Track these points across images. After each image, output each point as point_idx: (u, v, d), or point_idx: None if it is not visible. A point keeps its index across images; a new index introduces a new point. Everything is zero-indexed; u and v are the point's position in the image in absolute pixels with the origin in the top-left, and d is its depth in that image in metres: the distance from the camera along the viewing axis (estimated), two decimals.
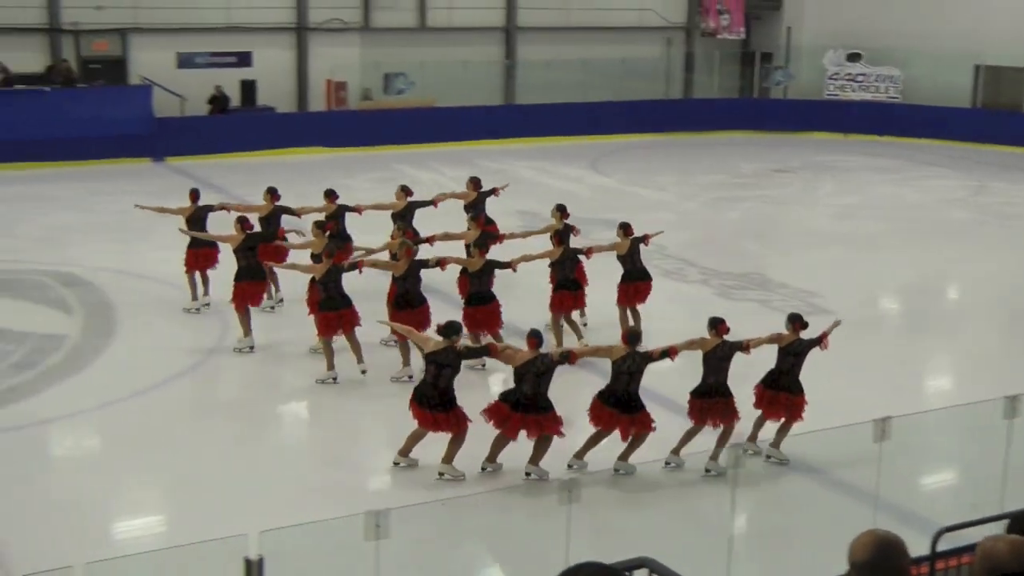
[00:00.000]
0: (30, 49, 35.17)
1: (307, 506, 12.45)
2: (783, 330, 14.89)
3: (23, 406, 16.46)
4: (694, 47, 44.10)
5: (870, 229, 28.30)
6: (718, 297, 21.95)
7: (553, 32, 41.40)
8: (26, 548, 12.35)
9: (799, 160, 37.47)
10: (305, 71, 38.66)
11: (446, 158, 35.73)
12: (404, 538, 9.26)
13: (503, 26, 41.24)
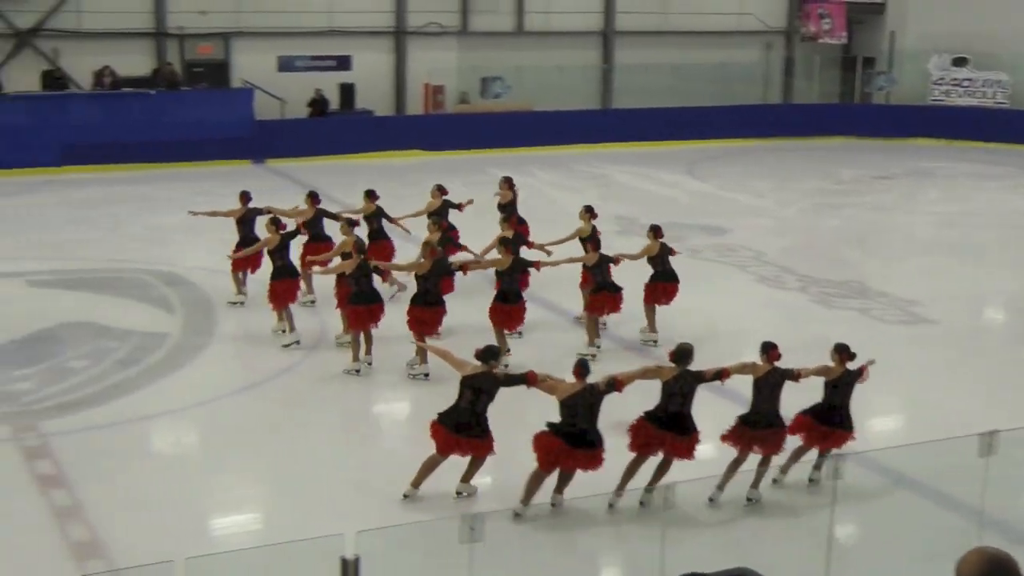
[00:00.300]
0: (136, 53, 35.64)
1: (403, 507, 12.50)
2: (842, 354, 14.01)
3: (126, 402, 16.65)
4: (794, 52, 43.79)
5: (975, 237, 27.89)
6: (816, 305, 21.74)
7: (651, 36, 41.28)
8: (128, 542, 12.50)
9: (901, 167, 37.07)
10: (403, 75, 38.84)
11: (542, 162, 35.73)
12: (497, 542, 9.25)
13: (601, 30, 41.19)
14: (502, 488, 13.26)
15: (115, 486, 14.14)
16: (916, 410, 14.20)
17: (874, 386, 17.99)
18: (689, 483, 11.71)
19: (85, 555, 12.37)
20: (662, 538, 10.10)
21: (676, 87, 40.88)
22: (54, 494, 13.82)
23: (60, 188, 30.41)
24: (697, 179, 34.58)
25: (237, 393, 17.12)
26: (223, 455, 15.40)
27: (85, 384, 17.23)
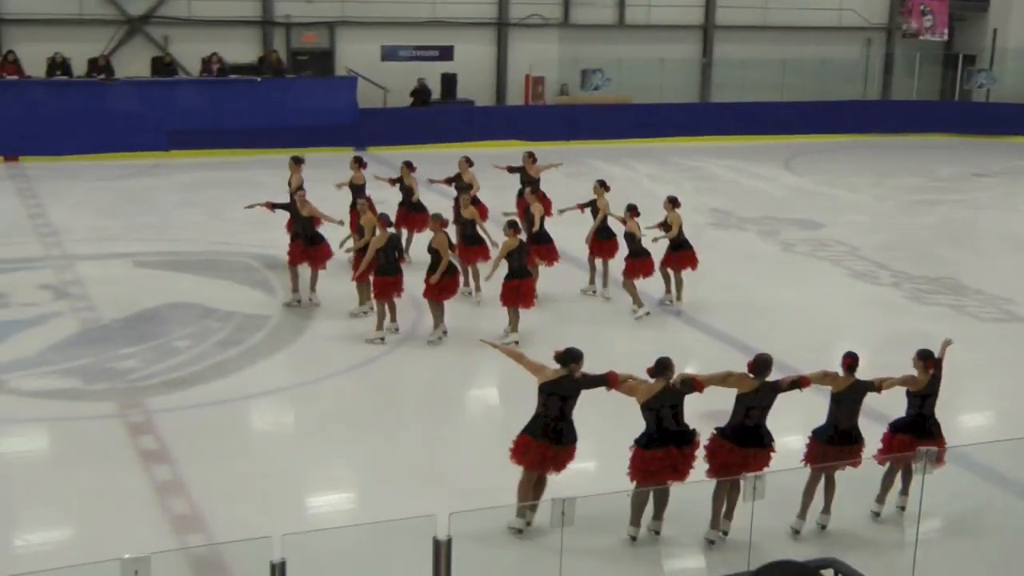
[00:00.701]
0: (243, 41, 35.99)
1: (493, 489, 12.57)
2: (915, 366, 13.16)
3: (227, 382, 16.88)
4: (894, 48, 43.36)
5: None
6: (909, 301, 21.55)
7: (751, 31, 41.06)
8: (226, 517, 12.67)
9: (1000, 165, 36.59)
10: (504, 66, 38.92)
11: (640, 155, 35.68)
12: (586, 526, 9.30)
13: (701, 24, 41.03)
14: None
15: (215, 463, 14.33)
16: (1008, 406, 13.97)
17: (966, 383, 17.92)
18: (775, 474, 11.61)
19: (185, 529, 12.55)
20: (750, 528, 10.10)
21: (775, 82, 40.65)
22: (156, 469, 14.01)
23: (167, 172, 30.83)
24: (794, 174, 34.36)
25: (334, 375, 17.28)
26: (320, 435, 15.55)
27: (188, 363, 17.47)
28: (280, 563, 8.54)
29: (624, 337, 19.28)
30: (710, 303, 20.78)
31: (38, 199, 22.66)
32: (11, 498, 13.69)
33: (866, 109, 42.00)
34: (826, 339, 19.62)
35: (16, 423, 15.69)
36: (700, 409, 12.58)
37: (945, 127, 41.27)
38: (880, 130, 40.64)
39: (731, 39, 41.05)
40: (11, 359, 17.45)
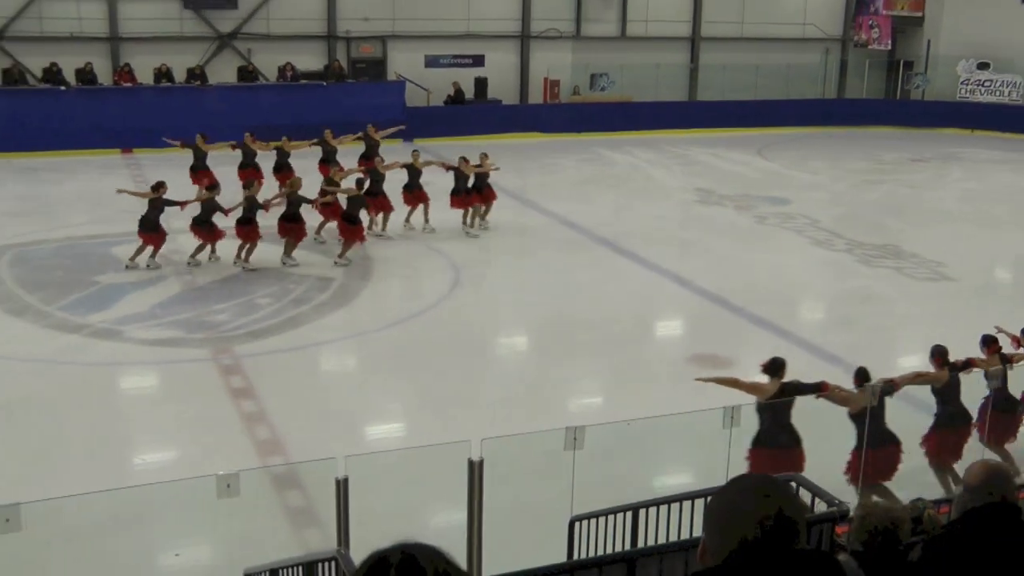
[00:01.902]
0: (312, 52, 35.96)
1: (518, 419, 12.60)
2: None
3: (301, 331, 16.93)
4: (847, 55, 43.06)
5: (991, 211, 27.40)
6: (859, 263, 21.46)
7: (730, 41, 40.81)
8: (301, 442, 12.75)
9: (932, 152, 36.33)
10: (527, 71, 38.77)
11: (638, 144, 35.57)
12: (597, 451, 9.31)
13: (689, 36, 40.77)
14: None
15: (291, 398, 14.40)
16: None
17: (905, 330, 17.86)
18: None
19: (267, 452, 12.62)
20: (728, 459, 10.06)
21: (750, 84, 40.42)
22: (243, 403, 14.09)
23: None
24: (765, 159, 34.18)
25: (387, 327, 17.31)
26: (376, 375, 15.63)
27: (268, 317, 17.53)
28: (344, 479, 8.57)
29: (605, 294, 19.26)
30: (695, 267, 20.75)
31: (148, 183, 22.63)
32: (129, 425, 13.81)
33: (824, 106, 41.76)
34: (792, 294, 19.65)
35: (132, 365, 15.82)
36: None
37: (888, 120, 41.09)
38: (836, 123, 40.45)
39: (714, 48, 40.82)
40: (127, 314, 17.55)
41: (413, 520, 10.63)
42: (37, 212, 18.96)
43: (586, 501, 8.90)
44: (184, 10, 34.51)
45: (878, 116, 41.46)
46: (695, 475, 11.42)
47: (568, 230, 23.69)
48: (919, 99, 42.24)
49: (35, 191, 25.02)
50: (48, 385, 14.78)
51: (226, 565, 8.99)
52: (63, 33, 33.32)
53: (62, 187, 25.25)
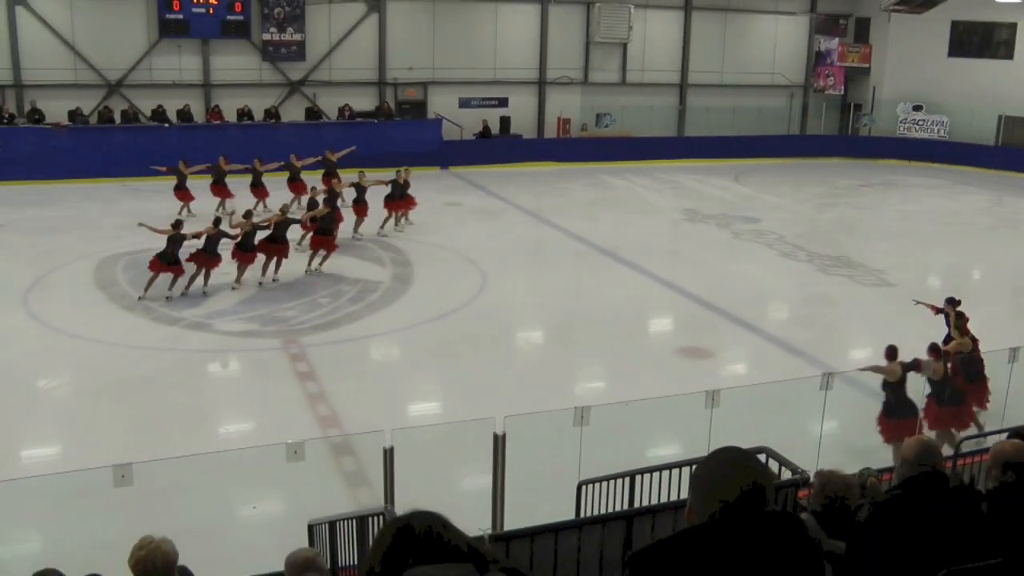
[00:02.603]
0: (366, 95, 35.98)
1: (537, 400, 12.60)
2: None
3: (355, 326, 16.96)
4: (808, 99, 42.77)
5: (924, 228, 27.25)
6: (817, 272, 21.34)
7: (712, 87, 40.63)
8: (356, 417, 12.78)
9: (877, 179, 36.03)
10: (543, 110, 38.67)
11: (635, 172, 35.45)
12: (600, 427, 9.29)
13: (678, 83, 40.62)
14: None
15: (347, 380, 14.46)
16: (881, 343, 13.55)
17: (854, 329, 17.76)
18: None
19: (327, 425, 12.67)
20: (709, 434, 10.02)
21: (728, 122, 40.22)
22: (308, 385, 14.14)
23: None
24: (740, 184, 34.01)
25: (428, 321, 17.33)
26: (418, 361, 15.63)
27: (328, 313, 17.57)
28: (390, 448, 8.59)
29: (608, 296, 19.23)
30: (682, 274, 20.71)
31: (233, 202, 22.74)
32: (213, 403, 13.87)
33: (789, 141, 41.49)
34: (762, 297, 19.58)
35: (216, 352, 15.89)
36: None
37: (841, 153, 40.83)
38: (798, 155, 40.22)
39: (698, 93, 40.62)
40: (214, 310, 17.64)
41: (447, 483, 10.65)
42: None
43: (591, 469, 8.89)
44: (263, 62, 34.60)
45: (833, 149, 41.23)
46: (682, 447, 11.38)
47: (576, 243, 23.66)
48: (866, 135, 41.98)
49: (142, 208, 25.11)
50: (152, 368, 14.87)
51: (293, 517, 9.02)
52: (167, 81, 33.49)
53: (163, 205, 25.31)
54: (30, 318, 16.98)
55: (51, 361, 15.19)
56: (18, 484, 9.81)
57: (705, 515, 2.92)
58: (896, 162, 39.76)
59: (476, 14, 37.11)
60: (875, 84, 42.10)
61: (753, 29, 41.36)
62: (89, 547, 7.97)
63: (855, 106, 42.77)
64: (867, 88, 42.39)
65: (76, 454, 11.59)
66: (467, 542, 2.54)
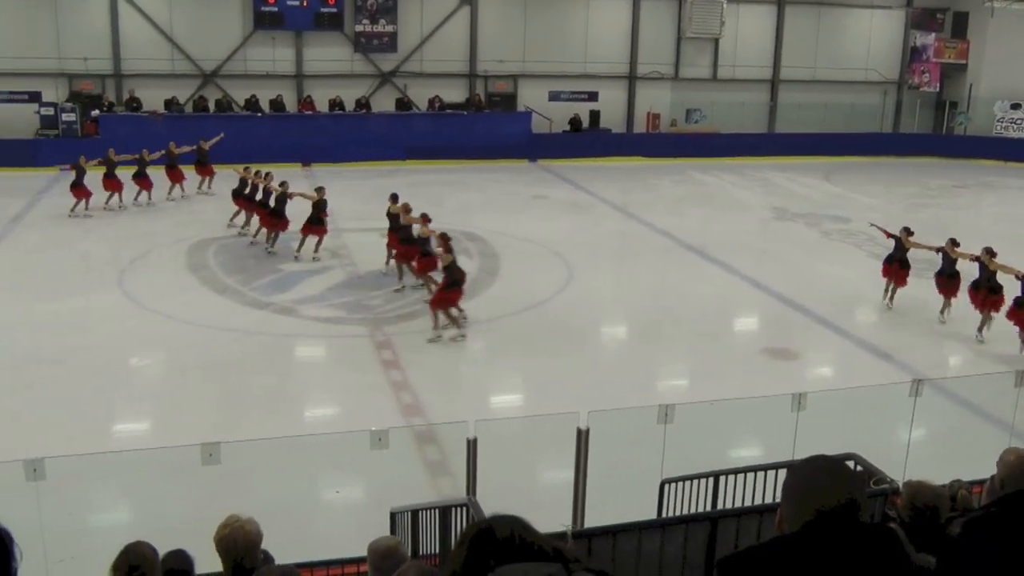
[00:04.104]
0: (456, 87, 36.13)
1: (620, 397, 12.51)
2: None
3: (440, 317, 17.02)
4: (903, 96, 41.87)
5: (1020, 232, 26.42)
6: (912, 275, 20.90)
7: (804, 83, 39.99)
8: (438, 406, 12.82)
9: (972, 180, 35.10)
10: (633, 105, 38.45)
11: (724, 168, 35.06)
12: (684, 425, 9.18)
13: (770, 79, 40.07)
14: None
15: (431, 369, 14.50)
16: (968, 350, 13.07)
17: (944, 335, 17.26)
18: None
19: (410, 414, 12.71)
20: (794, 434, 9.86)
21: (820, 119, 39.57)
22: (392, 372, 14.22)
23: (404, 175, 31.08)
24: (831, 184, 33.39)
25: (512, 314, 17.32)
26: (501, 353, 15.61)
27: (414, 303, 17.64)
28: (473, 439, 8.58)
29: (693, 294, 19.02)
30: (770, 273, 20.40)
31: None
32: (298, 387, 14.03)
33: (881, 139, 40.66)
34: (850, 299, 19.18)
35: (304, 337, 16.08)
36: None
37: (935, 152, 39.91)
38: (890, 154, 39.39)
39: (790, 89, 40.02)
40: (302, 296, 17.86)
41: (528, 476, 10.63)
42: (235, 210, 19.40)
43: (673, 467, 8.79)
44: (355, 53, 34.97)
45: (926, 148, 40.25)
46: (765, 449, 11.19)
47: (663, 238, 23.46)
48: (962, 134, 40.94)
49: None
50: (240, 350, 15.12)
51: (375, 504, 9.06)
52: (261, 72, 34.07)
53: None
54: (125, 298, 17.40)
55: (144, 340, 15.54)
56: (110, 457, 10.06)
57: (797, 524, 2.85)
58: (992, 162, 38.72)
59: (567, 8, 37.03)
60: (972, 81, 41.01)
61: (847, 24, 40.58)
62: (175, 522, 8.12)
63: (950, 104, 41.74)
64: (963, 85, 41.33)
65: (165, 431, 11.86)
66: (551, 544, 2.53)
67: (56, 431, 11.63)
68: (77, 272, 19.27)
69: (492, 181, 30.44)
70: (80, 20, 32.56)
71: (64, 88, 32.73)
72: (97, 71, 32.94)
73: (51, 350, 14.77)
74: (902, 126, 42.01)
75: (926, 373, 13.14)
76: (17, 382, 13.65)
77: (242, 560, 4.85)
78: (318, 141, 32.60)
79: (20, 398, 13.03)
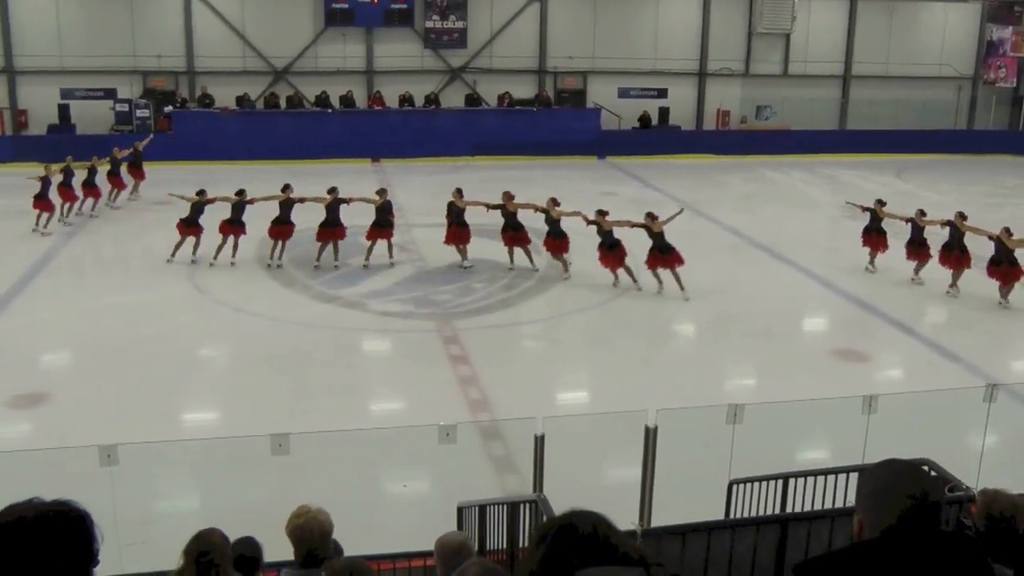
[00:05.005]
0: (525, 84, 36.14)
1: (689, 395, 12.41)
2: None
3: (509, 312, 17.08)
4: (977, 92, 40.97)
5: None
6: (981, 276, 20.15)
7: (876, 79, 39.33)
8: (506, 402, 12.81)
9: None
10: (702, 102, 38.15)
11: (794, 166, 34.58)
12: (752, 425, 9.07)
13: (841, 74, 39.45)
14: None
15: (499, 365, 14.51)
16: None
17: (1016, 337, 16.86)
18: None
19: (477, 409, 12.74)
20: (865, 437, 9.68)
21: (892, 115, 38.89)
22: (460, 368, 14.26)
23: (471, 170, 31.11)
24: (902, 181, 32.72)
25: (579, 311, 17.29)
26: (568, 350, 15.61)
27: (483, 299, 17.71)
28: (541, 436, 8.57)
29: (762, 292, 18.78)
30: (840, 272, 20.07)
31: (390, 186, 23.12)
32: (366, 380, 14.14)
33: (955, 136, 39.77)
34: (921, 299, 18.83)
35: (372, 332, 16.20)
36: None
37: (1011, 150, 38.92)
38: (965, 151, 38.53)
39: (862, 85, 39.38)
40: (370, 290, 18.00)
41: (593, 474, 10.59)
42: (307, 207, 19.51)
43: (740, 468, 8.69)
44: (424, 49, 35.17)
45: (1002, 146, 39.26)
46: (834, 452, 11.01)
47: (732, 236, 23.22)
48: None
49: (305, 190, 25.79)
50: (308, 343, 15.28)
51: (442, 498, 9.09)
52: (331, 68, 34.42)
53: (324, 187, 25.93)
54: (195, 290, 17.69)
55: (213, 331, 15.79)
56: (181, 445, 10.23)
57: (877, 530, 2.78)
58: None
59: (637, 4, 36.85)
60: None
61: (921, 17, 39.80)
62: (243, 510, 8.21)
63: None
64: None
65: (233, 421, 12.02)
66: (633, 546, 2.42)
67: (128, 419, 11.85)
68: (149, 264, 19.61)
69: (560, 178, 30.32)
70: (155, 19, 33.17)
71: (138, 85, 33.38)
72: (171, 68, 33.54)
73: (123, 339, 15.07)
74: (976, 123, 41.11)
75: (997, 376, 12.85)
76: (91, 370, 13.97)
77: (315, 550, 4.89)
78: (387, 137, 32.79)
79: (94, 386, 13.32)
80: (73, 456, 8.54)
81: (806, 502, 7.57)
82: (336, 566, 4.58)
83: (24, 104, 32.69)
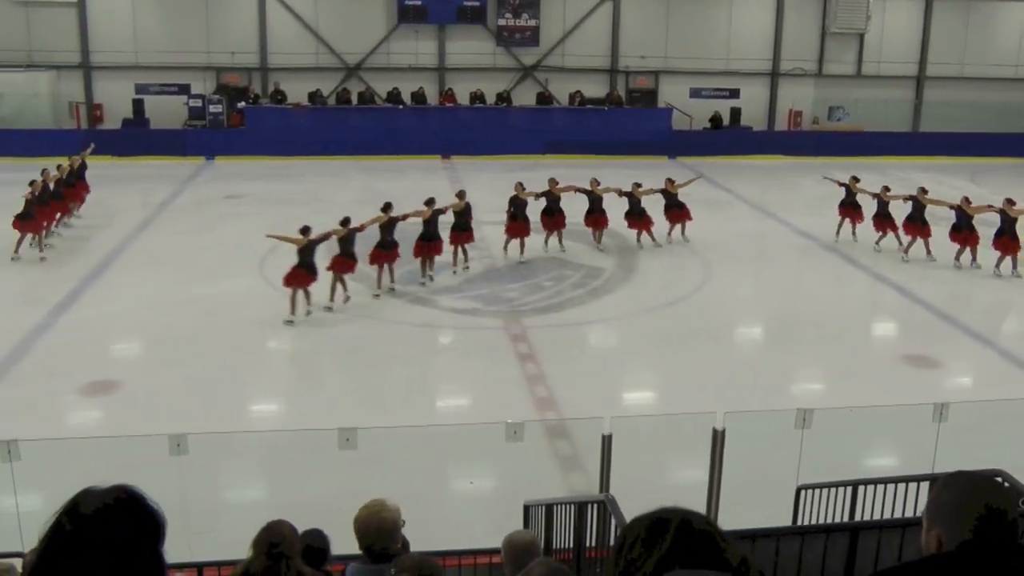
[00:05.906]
0: (597, 83, 36.05)
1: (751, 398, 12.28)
2: None
3: (577, 311, 17.05)
4: None
5: None
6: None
7: (951, 80, 38.51)
8: (572, 401, 12.78)
9: None
10: (775, 102, 37.71)
11: (866, 168, 33.86)
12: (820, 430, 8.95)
13: (915, 75, 38.72)
14: None
15: (566, 363, 14.49)
16: None
17: None
18: None
19: (544, 407, 12.73)
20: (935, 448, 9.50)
21: (966, 117, 38.04)
22: (527, 366, 14.27)
23: (542, 169, 30.99)
24: (976, 185, 32.01)
25: (648, 311, 17.19)
26: (636, 349, 15.54)
27: (551, 297, 17.70)
28: (608, 436, 8.54)
29: (831, 295, 18.50)
30: (911, 277, 19.72)
31: (461, 183, 23.19)
32: (433, 376, 14.21)
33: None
34: (996, 307, 18.43)
35: (440, 327, 16.31)
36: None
37: None
38: None
39: (936, 86, 38.64)
40: (440, 287, 18.09)
41: (660, 475, 10.52)
42: (372, 201, 19.65)
43: (808, 473, 8.57)
44: (497, 47, 35.23)
45: None
46: (903, 460, 10.83)
47: (802, 239, 22.92)
48: None
49: (375, 185, 26.06)
50: (376, 339, 15.39)
51: (509, 496, 9.09)
52: (403, 65, 34.66)
53: (394, 183, 26.14)
54: (265, 283, 17.90)
55: (281, 324, 15.92)
56: (250, 436, 10.36)
57: (954, 543, 2.71)
58: None
59: (710, 4, 36.55)
60: None
61: (998, 18, 38.86)
62: (310, 503, 8.29)
63: None
64: None
65: (300, 414, 12.15)
66: (740, 553, 2.29)
67: (197, 409, 12.04)
68: (220, 256, 19.91)
69: (631, 177, 29.94)
70: (229, 16, 33.68)
71: (212, 81, 33.92)
72: (243, 64, 34.02)
73: (194, 330, 15.33)
74: None
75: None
76: (162, 360, 14.22)
77: (384, 545, 4.91)
78: (458, 134, 32.92)
79: (164, 375, 13.56)
80: (144, 444, 8.70)
81: (875, 510, 7.44)
82: (406, 563, 4.59)
83: (100, 99, 33.41)
